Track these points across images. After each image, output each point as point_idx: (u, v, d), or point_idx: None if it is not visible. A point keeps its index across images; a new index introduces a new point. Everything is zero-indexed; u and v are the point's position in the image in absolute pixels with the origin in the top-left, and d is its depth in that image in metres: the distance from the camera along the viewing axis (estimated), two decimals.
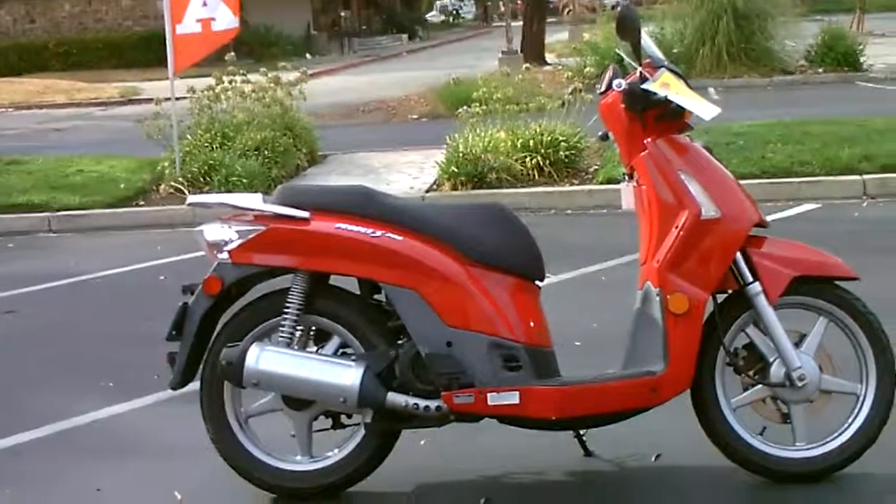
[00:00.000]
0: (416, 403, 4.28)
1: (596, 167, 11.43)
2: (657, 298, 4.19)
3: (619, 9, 4.33)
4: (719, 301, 4.31)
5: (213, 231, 4.45)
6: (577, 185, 11.08)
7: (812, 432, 4.36)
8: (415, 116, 19.38)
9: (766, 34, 23.33)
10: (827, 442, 4.34)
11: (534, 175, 11.20)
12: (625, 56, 4.40)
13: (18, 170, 12.72)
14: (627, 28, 4.20)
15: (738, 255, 4.23)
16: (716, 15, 23.04)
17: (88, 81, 31.75)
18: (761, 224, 4.32)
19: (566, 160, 11.27)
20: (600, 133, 4.64)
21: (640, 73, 4.25)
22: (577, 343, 6.07)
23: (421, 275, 4.28)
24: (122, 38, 36.88)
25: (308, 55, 40.22)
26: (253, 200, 4.49)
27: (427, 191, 11.29)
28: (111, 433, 5.45)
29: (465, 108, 11.77)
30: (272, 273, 4.49)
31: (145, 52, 34.64)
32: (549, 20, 31.00)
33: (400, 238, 4.31)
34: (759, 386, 4.33)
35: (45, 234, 11.12)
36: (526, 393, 4.21)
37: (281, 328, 4.42)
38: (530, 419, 4.27)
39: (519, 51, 27.61)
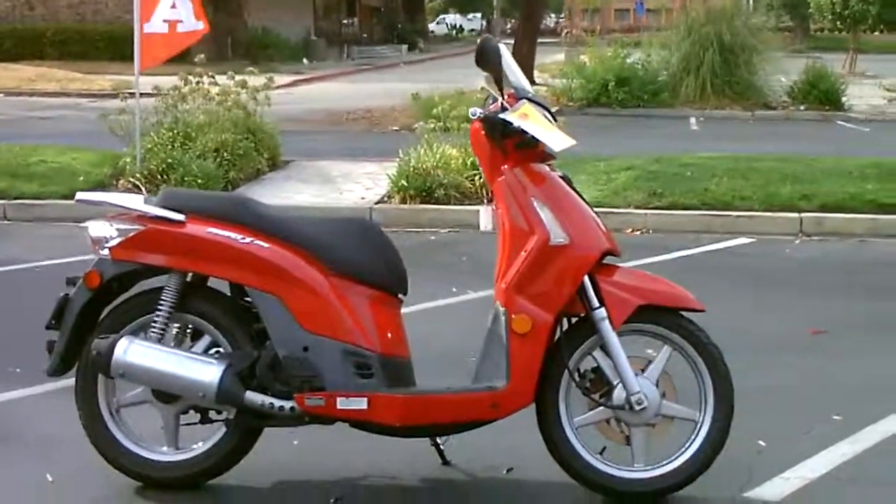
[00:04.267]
0: (271, 403, 4.49)
1: None
2: (503, 318, 4.40)
3: (479, 41, 4.53)
4: (570, 324, 4.53)
5: (98, 228, 4.67)
6: None
7: (651, 455, 4.56)
8: (396, 128, 19.60)
9: (750, 68, 23.62)
10: (663, 465, 4.55)
11: (482, 194, 11.40)
12: (487, 86, 4.60)
13: None
14: (488, 61, 4.41)
15: (587, 281, 4.44)
16: (702, 46, 23.33)
17: (83, 72, 31.97)
18: (613, 253, 4.54)
19: None
20: None
21: (502, 103, 4.47)
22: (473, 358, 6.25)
23: (284, 282, 4.50)
24: (120, 32, 37.04)
25: (305, 60, 40.61)
26: (135, 201, 4.72)
27: (378, 202, 11.49)
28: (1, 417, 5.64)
29: (420, 123, 11.99)
30: (151, 271, 4.70)
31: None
32: (549, 41, 31.31)
33: (267, 246, 4.53)
34: (601, 408, 4.54)
35: None
36: (373, 399, 4.42)
37: (153, 324, 4.64)
38: (377, 425, 4.48)
39: None
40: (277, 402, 4.49)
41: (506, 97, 4.48)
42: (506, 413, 4.43)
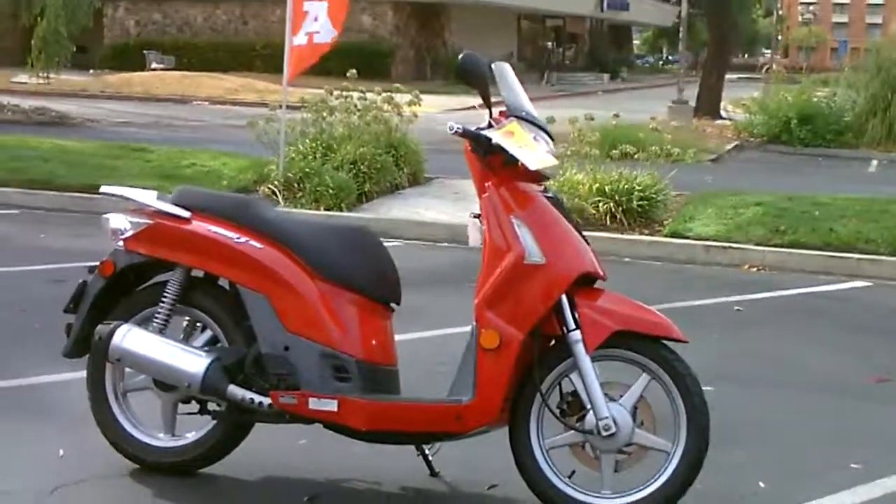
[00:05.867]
0: (251, 398, 4.64)
1: (669, 220, 11.52)
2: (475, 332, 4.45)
3: (459, 57, 4.58)
4: (548, 346, 4.53)
5: (116, 220, 4.94)
6: (645, 234, 11.20)
7: (621, 483, 4.52)
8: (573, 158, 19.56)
9: None
10: (630, 494, 4.49)
11: (606, 220, 11.38)
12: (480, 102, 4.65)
13: (140, 158, 13.62)
14: (470, 77, 4.47)
15: (566, 302, 4.44)
16: (891, 88, 22.60)
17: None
18: (597, 277, 4.53)
19: (639, 209, 11.40)
20: None
21: (489, 121, 4.52)
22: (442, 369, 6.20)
23: (272, 282, 4.66)
24: (343, 48, 37.78)
25: None
26: (149, 197, 4.95)
27: None
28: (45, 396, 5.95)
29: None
30: (165, 264, 4.92)
31: (344, 62, 35.60)
32: (748, 76, 30.81)
33: (261, 247, 4.69)
34: (572, 431, 4.52)
35: None
36: (343, 403, 4.52)
37: (156, 315, 4.86)
38: (346, 428, 4.58)
39: (694, 101, 27.49)
40: (257, 398, 4.64)
41: (496, 114, 4.54)
42: (470, 427, 4.46)
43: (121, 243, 4.89)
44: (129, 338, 4.75)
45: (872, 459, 5.39)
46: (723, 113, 27.50)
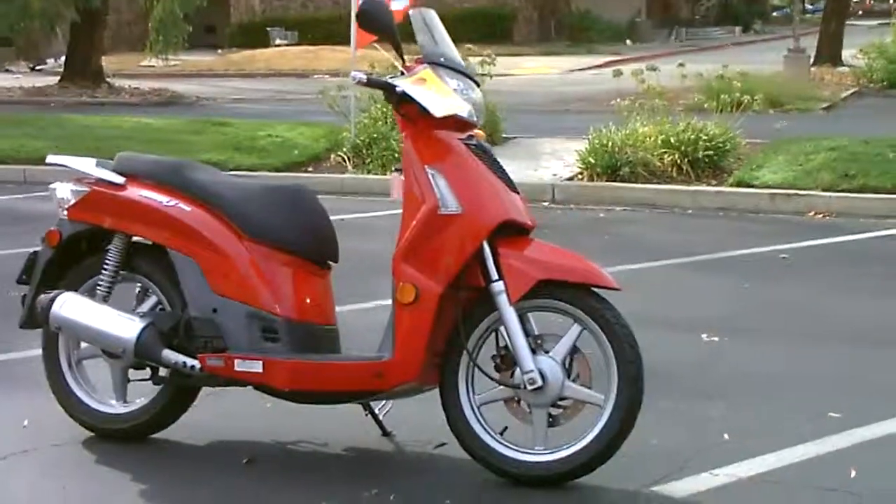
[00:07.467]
0: (184, 362, 4.60)
1: (736, 170, 11.13)
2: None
3: (360, 4, 4.42)
4: (474, 299, 4.37)
5: (61, 189, 4.95)
6: (712, 185, 10.85)
7: (554, 438, 4.35)
8: (679, 109, 19.16)
9: None
10: (561, 449, 4.32)
11: (672, 172, 11.06)
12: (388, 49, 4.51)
13: (217, 131, 13.76)
14: (372, 24, 4.32)
15: (488, 253, 4.28)
16: None
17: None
18: (522, 226, 4.35)
19: (705, 160, 11.04)
20: None
21: (401, 69, 4.38)
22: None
23: (199, 245, 4.61)
24: (465, 13, 37.20)
25: (628, 41, 40.28)
26: (87, 164, 4.94)
27: (568, 179, 11.38)
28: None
29: (617, 99, 11.77)
30: (104, 231, 4.90)
31: (467, 26, 35.00)
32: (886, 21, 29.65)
33: (189, 209, 4.65)
34: (501, 386, 4.37)
35: None
36: (267, 363, 4.45)
37: (99, 283, 4.86)
38: (272, 388, 4.51)
39: (811, 50, 26.54)
40: (189, 362, 4.60)
41: (407, 62, 4.40)
42: (390, 385, 4.34)
43: (64, 212, 4.90)
44: (68, 306, 4.76)
45: (855, 408, 5.10)
46: (846, 60, 26.48)
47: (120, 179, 4.79)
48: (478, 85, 4.57)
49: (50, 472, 4.64)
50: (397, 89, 4.29)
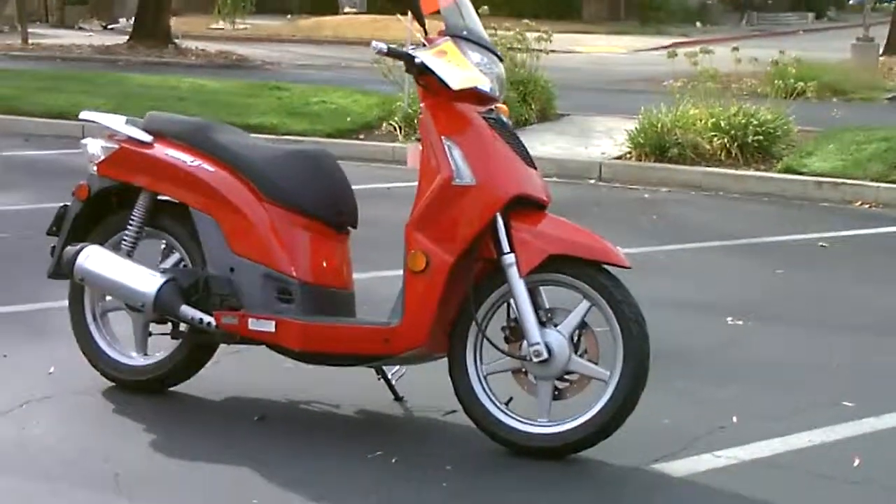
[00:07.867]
0: (201, 318, 4.70)
1: (786, 157, 11.04)
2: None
3: None
4: (487, 270, 4.42)
5: (92, 145, 5.07)
6: (760, 170, 10.78)
7: (560, 411, 4.40)
8: (733, 94, 18.98)
9: None
10: (565, 422, 4.36)
11: (721, 156, 11.00)
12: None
13: (273, 95, 13.84)
14: None
15: (501, 226, 4.32)
16: None
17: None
18: (537, 201, 4.39)
19: (755, 145, 10.97)
20: None
21: (423, 40, 4.43)
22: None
23: (220, 205, 4.70)
24: None
25: (698, 23, 39.76)
26: (118, 122, 5.04)
27: (616, 158, 11.37)
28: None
29: (669, 81, 11.72)
30: (131, 187, 5.00)
31: (535, 2, 34.72)
32: None
33: (212, 170, 4.74)
34: (507, 357, 4.42)
35: None
36: (280, 323, 4.54)
37: (124, 238, 4.97)
38: (283, 348, 4.60)
39: (882, 40, 26.13)
40: (206, 318, 4.69)
41: (430, 35, 4.45)
42: (398, 351, 4.41)
43: (94, 168, 5.01)
44: (92, 259, 4.86)
45: (871, 398, 5.08)
46: None
47: (148, 138, 4.89)
48: (501, 60, 4.60)
49: (68, 419, 4.76)
50: (416, 60, 4.33)
